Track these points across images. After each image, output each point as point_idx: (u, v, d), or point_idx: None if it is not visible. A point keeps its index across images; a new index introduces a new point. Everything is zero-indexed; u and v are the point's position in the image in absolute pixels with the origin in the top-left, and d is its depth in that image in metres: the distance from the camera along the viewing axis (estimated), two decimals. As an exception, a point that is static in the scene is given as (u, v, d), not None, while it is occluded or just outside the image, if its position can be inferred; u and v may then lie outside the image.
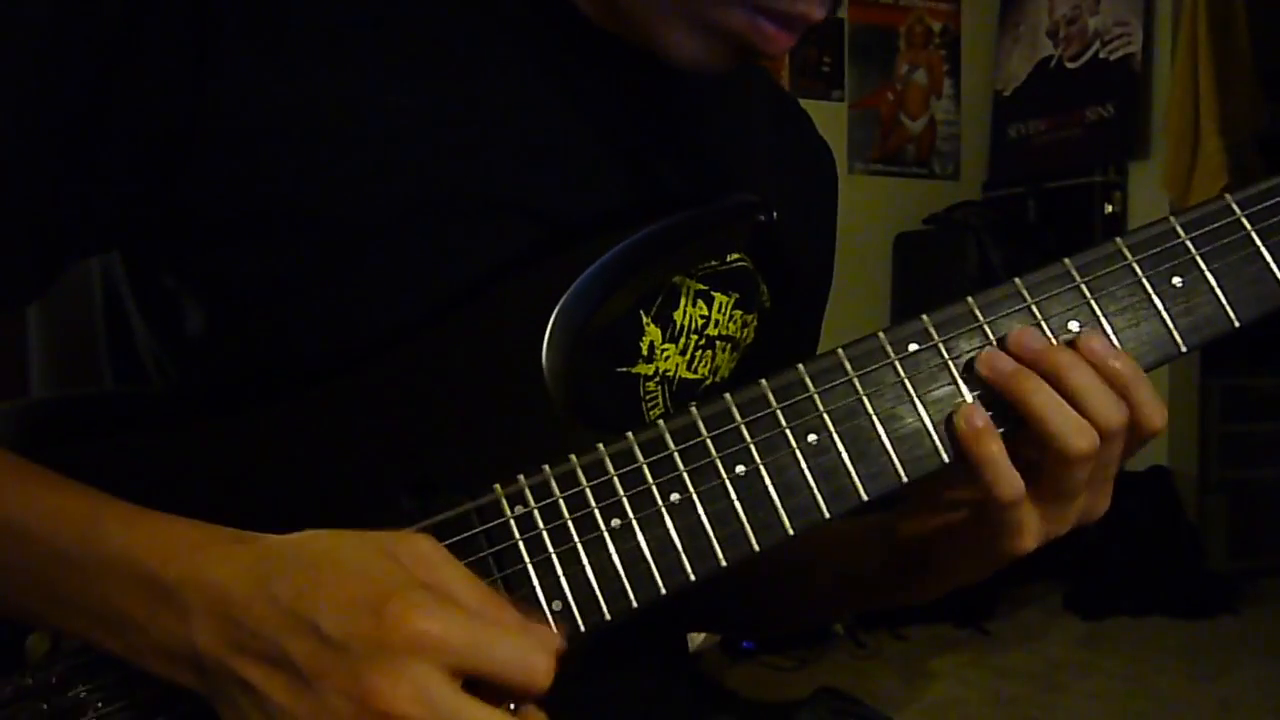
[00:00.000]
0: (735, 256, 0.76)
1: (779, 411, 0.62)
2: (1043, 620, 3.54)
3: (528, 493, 0.60)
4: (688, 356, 0.75)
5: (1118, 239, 0.65)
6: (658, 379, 0.74)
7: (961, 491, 0.66)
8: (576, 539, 0.60)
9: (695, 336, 0.75)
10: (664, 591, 0.60)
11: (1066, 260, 0.64)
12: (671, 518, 0.60)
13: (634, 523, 0.60)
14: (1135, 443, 0.63)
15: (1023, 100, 4.36)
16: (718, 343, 0.76)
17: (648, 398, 0.73)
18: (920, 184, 4.39)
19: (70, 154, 0.62)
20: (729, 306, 0.76)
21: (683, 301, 0.74)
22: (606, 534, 0.60)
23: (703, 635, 2.90)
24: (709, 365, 0.76)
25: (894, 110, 4.37)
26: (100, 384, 0.81)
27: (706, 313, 0.75)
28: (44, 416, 0.70)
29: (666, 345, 0.73)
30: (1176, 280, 0.64)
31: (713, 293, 0.75)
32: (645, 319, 0.72)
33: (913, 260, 4.21)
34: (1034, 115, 4.29)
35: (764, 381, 0.62)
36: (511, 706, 0.54)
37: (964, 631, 3.40)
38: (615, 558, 0.60)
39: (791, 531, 0.61)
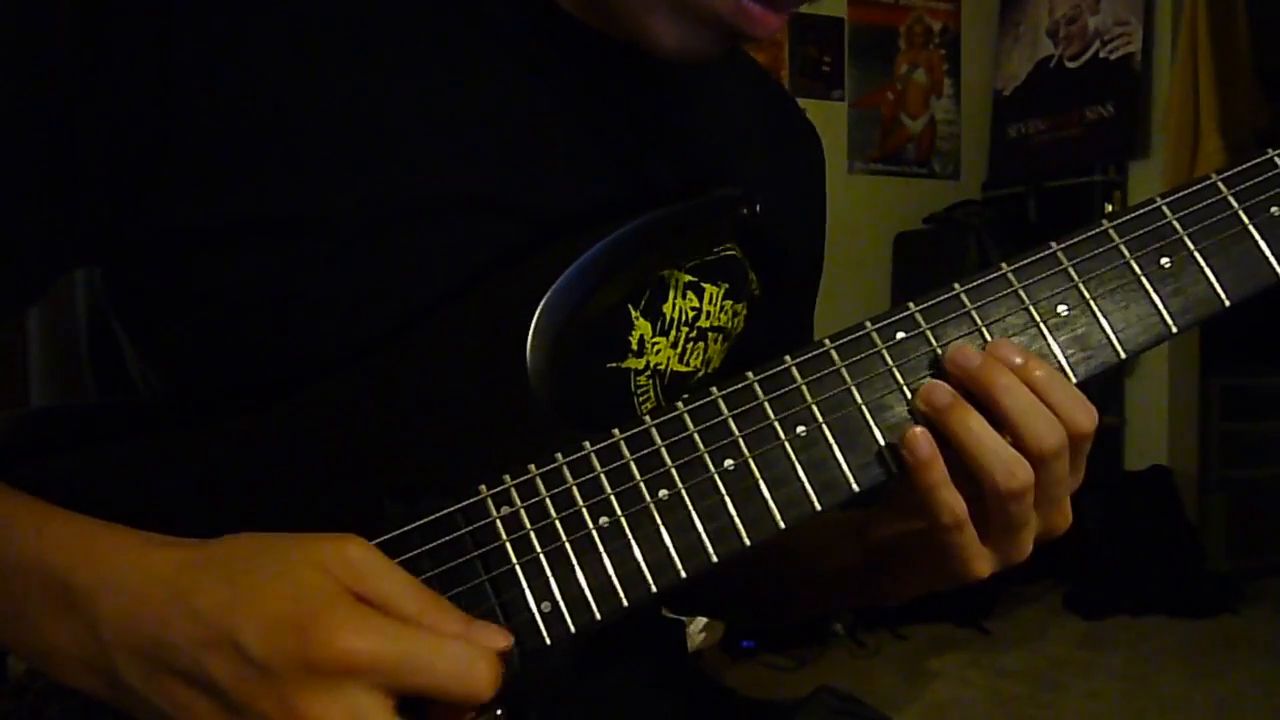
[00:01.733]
0: (723, 246, 0.76)
1: (766, 404, 0.61)
2: (1043, 620, 3.53)
3: (513, 492, 0.59)
4: (679, 349, 0.74)
5: (1104, 221, 0.64)
6: (649, 373, 0.73)
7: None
8: (564, 538, 0.59)
9: (686, 329, 0.74)
10: (655, 590, 0.59)
11: (1054, 244, 0.64)
12: (660, 514, 0.59)
13: (622, 520, 0.59)
14: (1073, 450, 0.62)
15: (1023, 100, 4.35)
16: (709, 334, 0.76)
17: (639, 392, 0.73)
18: (920, 183, 4.39)
19: (43, 169, 0.61)
20: (719, 297, 0.76)
21: (672, 294, 0.73)
22: (595, 532, 0.59)
23: (702, 635, 2.89)
24: (701, 357, 0.76)
25: (894, 110, 4.37)
26: (87, 396, 0.80)
27: (697, 304, 0.74)
28: (30, 427, 0.69)
29: (657, 339, 0.73)
30: (1165, 261, 0.63)
31: (702, 284, 0.74)
32: (634, 313, 0.72)
33: (913, 260, 4.20)
34: (1034, 115, 4.28)
35: (750, 374, 0.62)
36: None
37: (964, 631, 3.40)
38: (604, 557, 0.59)
39: (783, 525, 0.60)
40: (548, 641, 0.58)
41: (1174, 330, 0.62)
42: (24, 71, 0.60)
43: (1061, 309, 0.62)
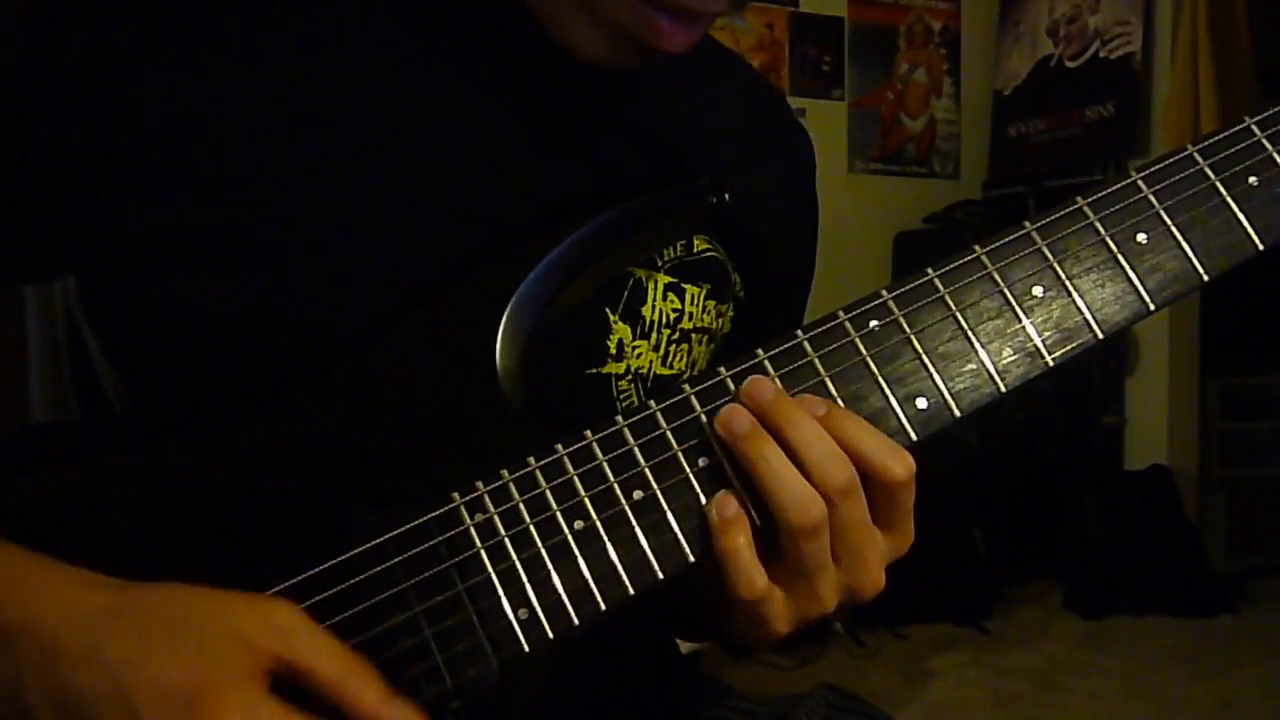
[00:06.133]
0: (703, 246, 0.75)
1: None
2: (1043, 620, 3.53)
3: (486, 499, 0.59)
4: (661, 352, 0.73)
5: (1079, 197, 0.63)
6: (630, 377, 0.72)
7: None
8: (540, 544, 0.58)
9: (668, 331, 0.73)
10: (632, 593, 0.59)
11: (1027, 223, 0.63)
12: (635, 516, 0.59)
13: (597, 524, 0.59)
14: (883, 499, 0.59)
15: (1023, 99, 4.34)
16: (693, 336, 0.75)
17: (621, 397, 0.72)
18: (920, 183, 4.38)
19: None
20: (701, 298, 0.75)
21: (651, 296, 0.72)
22: (570, 537, 0.59)
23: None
24: (685, 359, 0.75)
25: (894, 109, 4.36)
26: (69, 411, 0.79)
27: (679, 306, 0.73)
28: (9, 448, 0.69)
29: (638, 342, 0.72)
30: (1141, 237, 0.62)
31: (683, 285, 0.74)
32: (612, 317, 0.71)
33: (913, 260, 4.13)
34: (1034, 114, 4.28)
35: (722, 369, 0.61)
36: None
37: (964, 631, 3.40)
38: (581, 561, 0.58)
39: (759, 523, 0.59)
40: (526, 649, 0.58)
41: (1152, 308, 0.62)
42: None
43: (1037, 290, 0.62)
